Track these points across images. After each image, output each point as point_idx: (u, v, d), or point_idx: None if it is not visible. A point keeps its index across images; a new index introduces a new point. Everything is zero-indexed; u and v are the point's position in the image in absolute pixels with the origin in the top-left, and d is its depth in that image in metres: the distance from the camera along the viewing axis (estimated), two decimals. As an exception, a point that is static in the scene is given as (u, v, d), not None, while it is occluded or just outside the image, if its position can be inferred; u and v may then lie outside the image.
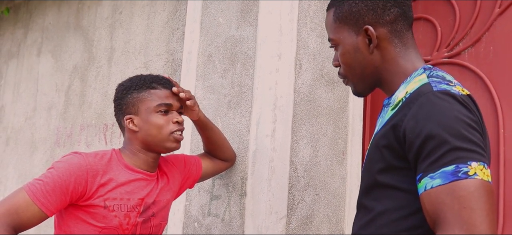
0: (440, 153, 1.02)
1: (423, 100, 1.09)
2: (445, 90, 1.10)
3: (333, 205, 2.25)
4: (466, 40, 2.23)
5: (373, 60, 1.26)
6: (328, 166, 2.25)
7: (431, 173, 1.03)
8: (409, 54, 1.26)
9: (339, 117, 2.32)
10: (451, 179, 1.00)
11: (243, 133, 2.20)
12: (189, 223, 2.32)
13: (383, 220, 1.16)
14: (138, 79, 1.76)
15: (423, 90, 1.12)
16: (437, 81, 1.14)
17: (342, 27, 1.28)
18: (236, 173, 2.19)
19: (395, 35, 1.25)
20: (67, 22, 3.56)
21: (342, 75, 1.34)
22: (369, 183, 1.22)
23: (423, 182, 1.05)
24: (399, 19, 1.25)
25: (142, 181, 1.71)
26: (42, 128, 3.55)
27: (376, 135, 1.23)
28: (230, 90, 2.29)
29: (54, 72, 3.56)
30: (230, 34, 2.35)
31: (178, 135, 1.73)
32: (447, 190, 1.01)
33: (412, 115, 1.09)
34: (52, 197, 1.52)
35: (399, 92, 1.22)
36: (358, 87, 1.33)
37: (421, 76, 1.19)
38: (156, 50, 2.81)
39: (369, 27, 1.23)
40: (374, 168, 1.19)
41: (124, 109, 1.73)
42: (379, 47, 1.25)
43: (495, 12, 2.15)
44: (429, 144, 1.04)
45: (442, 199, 1.01)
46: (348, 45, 1.28)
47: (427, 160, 1.04)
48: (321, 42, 2.30)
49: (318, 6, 2.31)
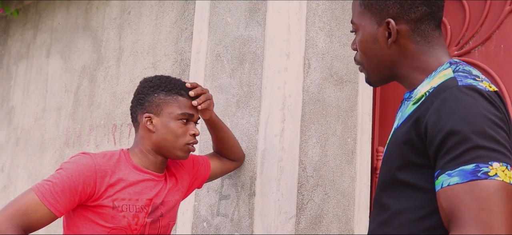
0: (460, 150, 0.98)
1: (447, 95, 1.04)
2: (471, 85, 1.05)
3: (343, 205, 2.24)
4: (476, 38, 2.21)
5: (390, 54, 1.22)
6: (337, 165, 2.24)
7: (449, 171, 0.99)
8: (434, 51, 1.20)
9: (348, 116, 2.31)
10: (470, 178, 0.96)
11: (252, 133, 2.20)
12: (198, 223, 2.32)
13: (401, 220, 1.12)
14: (168, 81, 1.74)
15: (448, 84, 1.08)
16: (463, 76, 1.09)
17: (366, 14, 1.24)
18: (245, 172, 2.19)
19: (418, 33, 1.19)
20: (75, 23, 3.57)
21: (357, 61, 1.29)
22: (387, 179, 1.18)
23: (440, 179, 1.01)
24: (425, 18, 1.19)
25: (151, 181, 1.71)
26: (51, 128, 3.56)
27: (396, 130, 1.19)
28: (239, 89, 2.29)
29: (63, 73, 3.57)
30: (239, 34, 2.34)
31: (191, 147, 1.73)
32: (465, 189, 0.96)
33: (434, 109, 1.05)
34: (61, 198, 1.52)
35: (422, 86, 1.17)
36: (371, 77, 1.29)
37: (447, 70, 1.14)
38: (164, 50, 2.81)
39: (391, 20, 1.19)
40: (393, 165, 1.15)
41: (146, 106, 1.72)
42: (398, 43, 1.20)
43: (506, 10, 2.14)
44: (450, 140, 1.00)
45: (460, 198, 0.97)
46: (367, 34, 1.24)
47: (447, 157, 1.00)
48: (329, 41, 2.29)
49: (327, 5, 2.30)
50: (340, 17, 2.33)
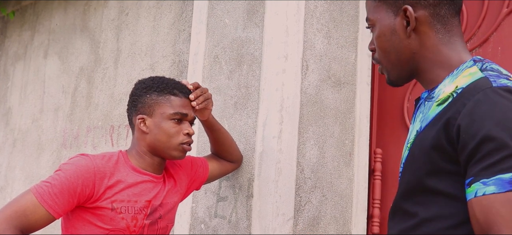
0: (497, 158, 0.91)
1: (481, 97, 0.97)
2: (507, 86, 0.97)
3: (340, 207, 2.24)
4: (473, 40, 2.22)
5: (410, 45, 1.13)
6: (335, 167, 2.25)
7: (485, 179, 0.92)
8: (454, 43, 1.12)
9: (346, 118, 2.31)
10: (508, 188, 0.90)
11: (250, 135, 2.20)
12: (195, 225, 2.32)
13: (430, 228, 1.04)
14: (161, 81, 1.73)
15: (481, 84, 0.99)
16: (495, 76, 1.01)
17: (381, 7, 1.16)
18: (242, 174, 2.19)
19: (438, 19, 1.11)
20: (73, 24, 3.57)
21: (376, 60, 1.22)
22: (412, 186, 1.09)
23: (474, 187, 0.94)
24: (444, 2, 1.11)
25: (149, 183, 1.71)
26: (49, 130, 3.56)
27: (420, 133, 1.10)
28: (237, 91, 2.29)
29: (61, 74, 3.57)
30: (236, 35, 2.34)
31: (186, 146, 1.72)
32: (503, 199, 0.90)
33: (467, 112, 0.97)
34: (60, 199, 1.52)
35: (445, 85, 1.09)
36: (392, 74, 1.19)
37: (472, 68, 1.06)
38: (162, 51, 2.81)
39: (408, 7, 1.11)
40: (420, 171, 1.06)
41: (139, 107, 1.72)
42: (418, 31, 1.12)
43: (503, 12, 2.14)
44: (485, 146, 0.92)
45: (497, 209, 0.90)
46: (384, 27, 1.16)
47: (481, 164, 0.93)
48: (327, 43, 2.29)
49: (325, 7, 2.30)
50: (338, 19, 2.34)
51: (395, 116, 2.42)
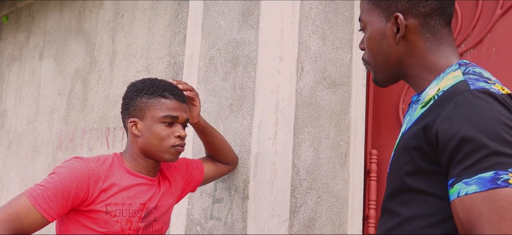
0: (477, 158, 0.93)
1: (459, 99, 1.00)
2: (484, 88, 1.00)
3: (336, 208, 2.24)
4: (468, 41, 2.22)
5: (398, 50, 1.17)
6: (330, 168, 2.25)
7: (466, 179, 0.94)
8: (443, 50, 1.15)
9: (341, 119, 2.31)
10: (489, 186, 0.91)
11: (245, 136, 2.20)
12: (191, 227, 2.32)
13: (411, 226, 1.07)
14: (151, 84, 1.72)
15: (459, 88, 1.02)
16: (475, 79, 1.04)
17: (374, 10, 1.20)
18: (238, 176, 2.19)
19: (427, 29, 1.15)
20: (69, 25, 3.56)
21: (365, 60, 1.25)
22: (396, 186, 1.13)
23: (456, 187, 0.96)
24: (435, 13, 1.14)
25: (144, 185, 1.71)
26: (44, 132, 3.55)
27: (404, 135, 1.14)
28: (232, 93, 2.29)
29: (56, 76, 3.56)
30: (232, 37, 2.34)
31: (179, 149, 1.71)
32: (484, 198, 0.92)
33: (446, 115, 1.00)
34: (54, 203, 1.52)
35: (431, 88, 1.12)
36: (378, 76, 1.24)
37: (456, 72, 1.09)
38: (157, 53, 2.81)
39: (400, 15, 1.14)
40: (402, 171, 1.10)
41: (131, 110, 1.71)
42: (407, 39, 1.16)
43: (497, 13, 2.15)
44: (465, 147, 0.95)
45: (478, 207, 0.92)
46: (375, 30, 1.19)
47: (462, 164, 0.95)
48: (322, 44, 2.30)
49: (320, 8, 2.31)
50: (333, 20, 2.34)
51: (390, 117, 2.42)
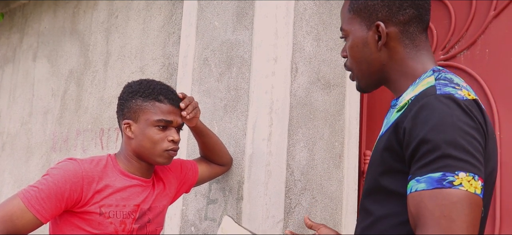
0: (430, 158, 1.01)
1: (424, 103, 1.07)
2: (448, 94, 1.07)
3: (330, 209, 2.25)
4: (461, 42, 2.23)
5: (380, 57, 1.24)
6: (324, 169, 2.25)
7: (418, 177, 1.02)
8: (420, 56, 1.23)
9: (335, 120, 2.32)
10: (435, 185, 0.99)
11: (240, 137, 2.20)
12: (186, 228, 2.32)
13: (384, 225, 1.15)
14: (147, 86, 1.70)
15: (427, 92, 1.10)
16: (443, 84, 1.11)
17: (355, 19, 1.26)
18: (232, 177, 2.19)
19: (407, 36, 1.22)
20: (62, 26, 3.55)
21: (348, 67, 1.31)
22: (370, 186, 1.21)
23: (410, 184, 1.04)
24: (413, 21, 1.22)
25: (138, 187, 1.70)
26: (38, 133, 3.53)
27: (380, 137, 1.21)
28: (226, 94, 2.29)
29: (50, 77, 3.55)
30: (226, 38, 2.34)
31: (172, 153, 1.69)
32: (430, 195, 1.00)
33: (411, 117, 1.08)
34: (47, 204, 1.51)
35: (407, 94, 1.19)
36: (361, 82, 1.30)
37: (430, 78, 1.16)
38: (152, 54, 2.80)
39: (381, 23, 1.21)
40: (376, 171, 1.18)
41: (125, 112, 1.70)
42: (388, 46, 1.23)
43: (490, 14, 2.16)
44: (422, 148, 1.03)
45: (425, 203, 1.00)
46: (357, 38, 1.26)
47: (418, 163, 1.03)
48: (317, 45, 2.30)
49: (314, 9, 2.31)
50: (327, 22, 2.34)
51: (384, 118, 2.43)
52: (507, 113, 2.07)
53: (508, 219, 2.02)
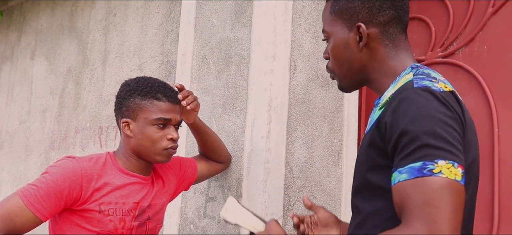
0: (410, 149, 1.04)
1: (403, 97, 1.10)
2: (425, 86, 1.10)
3: (329, 206, 2.25)
4: (460, 39, 2.24)
5: (361, 58, 1.28)
6: (323, 166, 2.25)
7: (400, 168, 1.05)
8: (400, 56, 1.27)
9: (334, 117, 2.32)
10: (416, 175, 1.02)
11: (238, 135, 2.20)
12: (185, 225, 2.32)
13: (375, 221, 1.17)
14: (145, 84, 1.69)
15: (405, 87, 1.14)
16: (421, 78, 1.15)
17: (336, 21, 1.30)
18: (231, 174, 2.19)
19: (387, 36, 1.26)
20: (61, 24, 3.55)
21: (329, 69, 1.35)
22: (358, 183, 1.23)
23: (394, 176, 1.07)
24: (392, 22, 1.26)
25: (137, 184, 1.71)
26: (36, 131, 3.53)
27: (365, 135, 1.25)
28: (225, 91, 2.29)
29: (48, 75, 3.55)
30: (225, 36, 2.34)
31: (171, 151, 1.69)
32: (412, 185, 1.02)
33: (391, 111, 1.11)
34: (46, 202, 1.51)
35: (388, 92, 1.23)
36: (343, 82, 1.34)
37: (408, 74, 1.20)
38: (150, 52, 2.80)
39: (362, 24, 1.25)
40: (363, 168, 1.21)
41: (124, 111, 1.69)
42: (369, 46, 1.27)
43: (489, 11, 2.16)
44: (402, 140, 1.06)
45: (407, 193, 1.03)
46: (339, 40, 1.29)
47: (399, 155, 1.06)
48: (315, 42, 2.30)
49: (312, 7, 2.31)
50: (325, 19, 2.34)
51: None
52: (505, 110, 2.08)
53: (506, 217, 2.02)
